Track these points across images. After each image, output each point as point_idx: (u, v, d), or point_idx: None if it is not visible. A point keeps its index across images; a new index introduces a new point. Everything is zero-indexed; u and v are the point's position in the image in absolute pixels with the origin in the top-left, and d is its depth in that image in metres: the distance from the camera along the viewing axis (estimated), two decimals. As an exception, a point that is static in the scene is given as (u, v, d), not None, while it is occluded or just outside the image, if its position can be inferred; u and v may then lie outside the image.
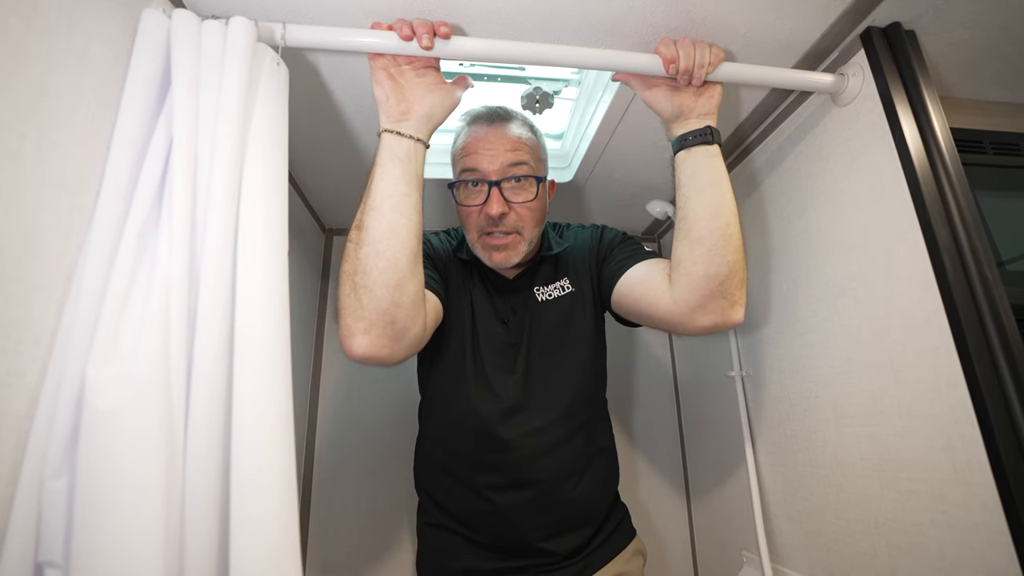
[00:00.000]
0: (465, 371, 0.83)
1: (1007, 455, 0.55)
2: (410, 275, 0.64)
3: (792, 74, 0.78)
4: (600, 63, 0.71)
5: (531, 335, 0.86)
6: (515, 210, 0.80)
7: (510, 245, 0.81)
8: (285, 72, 0.63)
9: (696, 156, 0.72)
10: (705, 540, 1.29)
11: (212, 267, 0.51)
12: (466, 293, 0.88)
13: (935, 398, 0.64)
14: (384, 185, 0.64)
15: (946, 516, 0.62)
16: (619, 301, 0.84)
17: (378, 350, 0.63)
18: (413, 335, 0.67)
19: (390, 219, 0.63)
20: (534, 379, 0.83)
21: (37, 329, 0.45)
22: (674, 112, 0.74)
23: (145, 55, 0.55)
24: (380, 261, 0.62)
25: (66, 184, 0.48)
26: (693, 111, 0.74)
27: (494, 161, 0.79)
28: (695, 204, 0.71)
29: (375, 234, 0.63)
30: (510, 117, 0.84)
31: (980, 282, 0.61)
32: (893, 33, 0.73)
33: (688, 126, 0.74)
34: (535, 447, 0.80)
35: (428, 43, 0.64)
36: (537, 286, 0.89)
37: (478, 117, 0.84)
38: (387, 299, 0.62)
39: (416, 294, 0.66)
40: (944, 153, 0.67)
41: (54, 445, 0.43)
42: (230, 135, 0.54)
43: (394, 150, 0.66)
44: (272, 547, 0.47)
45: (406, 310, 0.64)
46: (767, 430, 0.99)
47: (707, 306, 0.70)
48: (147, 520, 0.43)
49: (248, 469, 0.47)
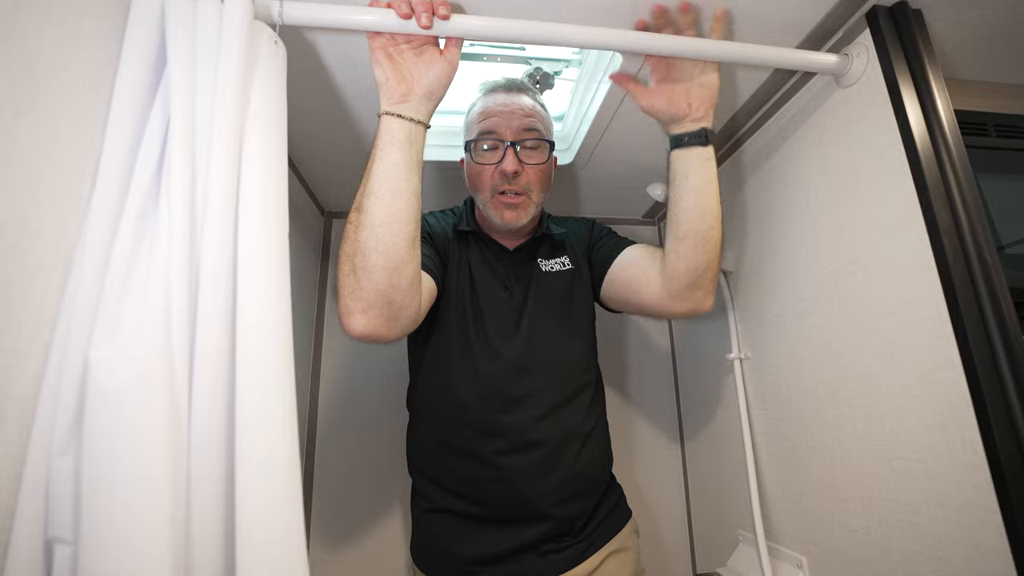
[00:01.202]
0: (469, 338, 0.86)
1: (1000, 436, 0.56)
2: (408, 259, 0.66)
3: (795, 54, 0.77)
4: (602, 42, 0.70)
5: (535, 300, 0.90)
6: (527, 171, 0.86)
7: (521, 205, 0.87)
8: (283, 51, 0.62)
9: (691, 156, 0.78)
10: (702, 519, 1.31)
11: (212, 248, 0.51)
12: (464, 264, 0.91)
13: (931, 379, 0.64)
14: (383, 169, 0.65)
15: (938, 495, 0.63)
16: (610, 284, 0.92)
17: (375, 329, 0.66)
18: (409, 315, 0.69)
19: (389, 204, 0.64)
20: (538, 342, 0.87)
21: (38, 311, 0.45)
22: (671, 117, 0.78)
23: (139, 33, 0.54)
24: (379, 245, 0.64)
25: (63, 164, 0.48)
26: (688, 116, 0.77)
27: (511, 124, 0.85)
28: (685, 205, 0.78)
29: (374, 219, 0.64)
30: (526, 88, 0.91)
31: (979, 265, 0.61)
32: (899, 13, 0.72)
33: (684, 127, 0.78)
34: (540, 407, 0.83)
35: (427, 22, 0.63)
36: (540, 258, 0.95)
37: (496, 87, 0.90)
38: (385, 281, 0.64)
39: (413, 276, 0.67)
40: (947, 135, 0.67)
41: (59, 424, 0.44)
42: (228, 115, 0.53)
43: (394, 133, 0.66)
44: (277, 525, 0.48)
45: (403, 292, 0.66)
46: (764, 411, 1.00)
47: (684, 295, 0.81)
48: (153, 496, 0.44)
49: (252, 448, 0.48)
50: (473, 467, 0.82)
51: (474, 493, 0.83)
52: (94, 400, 0.44)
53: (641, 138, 1.07)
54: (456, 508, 0.84)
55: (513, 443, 0.81)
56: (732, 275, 1.12)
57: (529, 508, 0.80)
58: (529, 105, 0.88)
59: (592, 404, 0.90)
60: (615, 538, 0.86)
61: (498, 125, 0.85)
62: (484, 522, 0.82)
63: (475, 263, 0.91)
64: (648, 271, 0.85)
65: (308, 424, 1.28)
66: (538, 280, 0.92)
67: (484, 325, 0.86)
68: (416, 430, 0.92)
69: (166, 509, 0.44)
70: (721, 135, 1.08)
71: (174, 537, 0.44)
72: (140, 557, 0.42)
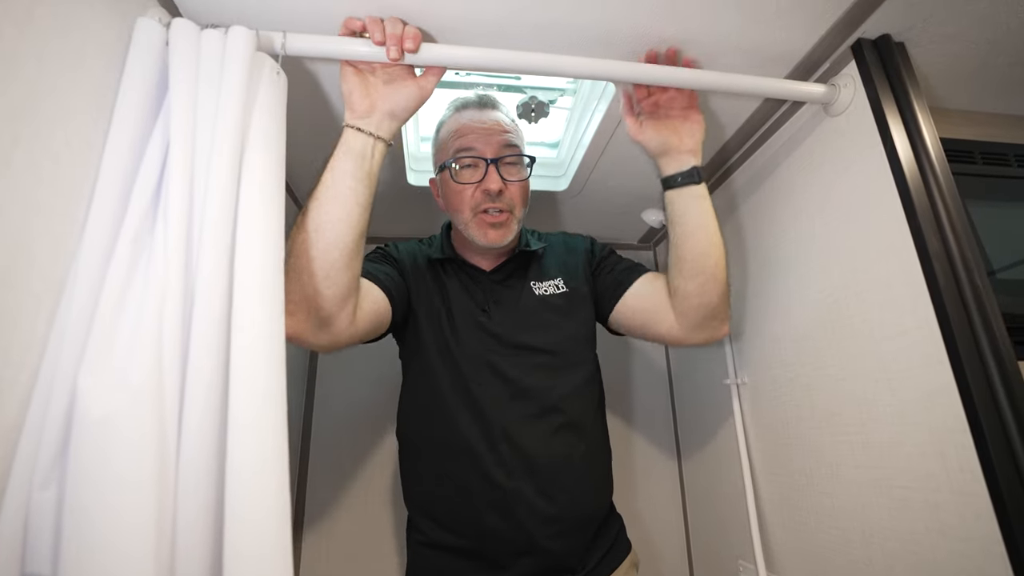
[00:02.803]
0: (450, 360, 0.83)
1: (999, 463, 0.56)
2: (341, 268, 0.66)
3: (784, 84, 0.79)
4: (581, 72, 0.72)
5: (523, 326, 0.86)
6: (509, 187, 0.85)
7: (505, 223, 0.85)
8: (284, 81, 0.64)
9: (685, 197, 0.80)
10: (701, 549, 1.28)
11: (208, 275, 0.50)
12: (439, 292, 0.89)
13: (928, 406, 0.64)
14: (331, 177, 0.66)
15: (940, 524, 0.62)
16: (622, 312, 0.91)
17: (301, 332, 0.66)
18: (340, 327, 0.69)
19: (327, 210, 0.65)
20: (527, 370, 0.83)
21: (27, 336, 0.44)
22: (660, 149, 0.80)
23: (140, 61, 0.55)
24: (311, 249, 0.64)
25: (59, 190, 0.48)
26: (677, 147, 0.79)
27: (490, 142, 0.84)
28: (690, 245, 0.79)
29: (311, 223, 0.65)
30: (497, 104, 0.91)
31: (971, 290, 0.62)
32: (883, 45, 0.74)
33: (674, 165, 0.80)
34: (535, 435, 0.80)
35: (396, 55, 0.65)
36: (532, 280, 0.92)
37: (467, 103, 0.89)
38: (312, 286, 0.64)
39: (346, 287, 0.67)
40: (934, 163, 0.68)
41: (43, 455, 0.43)
42: (228, 143, 0.54)
43: (350, 144, 0.67)
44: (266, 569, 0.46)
45: (332, 301, 0.66)
46: (762, 438, 0.99)
47: (702, 325, 0.83)
48: (138, 530, 0.42)
49: (243, 478, 0.47)
50: (468, 497, 0.79)
51: (468, 528, 0.79)
52: (82, 429, 0.43)
53: (636, 165, 1.08)
54: (448, 543, 0.80)
55: (510, 470, 0.78)
56: (727, 300, 1.12)
57: (526, 540, 0.77)
58: (505, 121, 0.87)
59: (595, 432, 0.88)
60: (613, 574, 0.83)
61: (477, 142, 0.83)
62: (478, 559, 0.79)
63: (453, 290, 0.89)
64: (665, 304, 0.85)
65: (301, 452, 1.25)
66: (531, 304, 0.89)
67: (463, 347, 0.84)
68: (407, 459, 0.89)
69: (151, 544, 0.43)
70: (713, 161, 1.09)
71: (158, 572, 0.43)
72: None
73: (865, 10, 0.70)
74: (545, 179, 1.20)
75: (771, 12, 0.70)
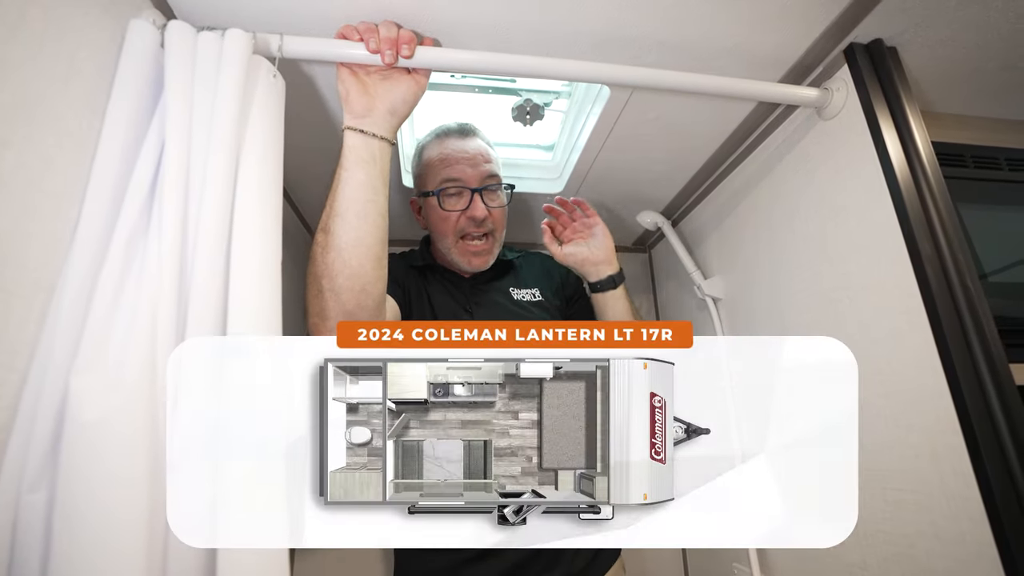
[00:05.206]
0: None
1: (992, 467, 0.56)
2: (374, 280, 0.67)
3: (778, 88, 0.80)
4: (575, 75, 0.72)
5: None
6: (492, 213, 0.91)
7: (487, 251, 0.93)
8: (281, 84, 0.63)
9: (607, 299, 0.94)
10: (696, 553, 1.28)
11: (203, 277, 0.50)
12: (424, 296, 0.93)
13: (921, 408, 0.64)
14: (349, 190, 0.66)
15: (934, 527, 0.62)
16: None
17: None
18: None
19: (355, 227, 0.65)
20: None
21: (16, 338, 0.44)
22: (580, 264, 0.94)
23: (132, 65, 0.55)
24: (346, 268, 0.64)
25: (51, 192, 0.48)
26: (592, 260, 0.93)
27: (474, 171, 0.90)
28: None
29: (341, 241, 0.65)
30: (476, 132, 0.96)
31: (963, 292, 0.62)
32: (875, 49, 0.75)
33: (594, 275, 0.94)
34: None
35: (391, 60, 0.65)
36: (511, 287, 0.99)
37: (449, 131, 0.93)
38: (352, 302, 0.65)
39: (379, 296, 0.68)
40: (926, 166, 0.69)
41: (33, 458, 0.43)
42: (224, 144, 0.54)
43: (358, 151, 0.67)
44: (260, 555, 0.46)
45: (369, 312, 0.67)
46: (757, 441, 0.99)
47: None
48: (130, 533, 0.42)
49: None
50: None
51: None
52: (73, 431, 0.43)
53: (630, 167, 1.09)
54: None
55: None
56: (721, 302, 1.12)
57: None
58: (485, 150, 0.93)
59: None
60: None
61: (463, 173, 0.89)
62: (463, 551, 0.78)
63: (435, 292, 0.94)
64: None
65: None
66: (512, 307, 0.94)
67: None
68: None
69: (142, 547, 0.43)
70: (708, 164, 1.10)
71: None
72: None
73: (857, 15, 0.71)
74: (540, 182, 1.20)
75: (764, 17, 0.71)
